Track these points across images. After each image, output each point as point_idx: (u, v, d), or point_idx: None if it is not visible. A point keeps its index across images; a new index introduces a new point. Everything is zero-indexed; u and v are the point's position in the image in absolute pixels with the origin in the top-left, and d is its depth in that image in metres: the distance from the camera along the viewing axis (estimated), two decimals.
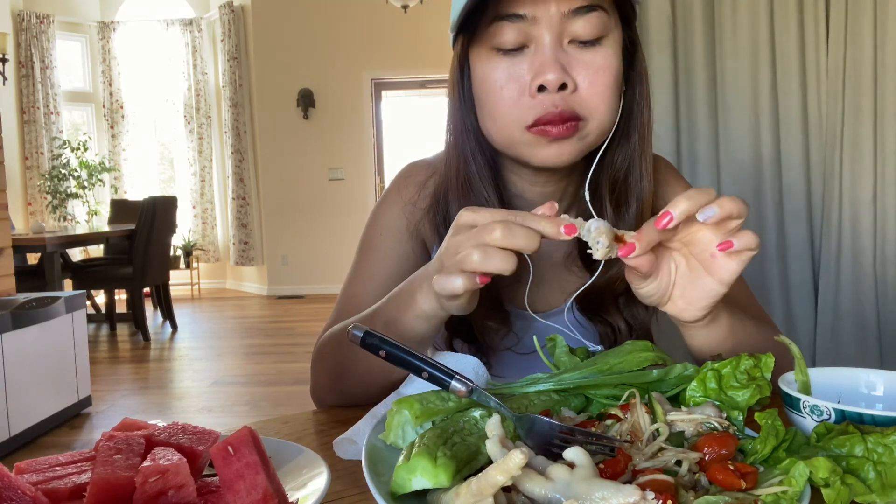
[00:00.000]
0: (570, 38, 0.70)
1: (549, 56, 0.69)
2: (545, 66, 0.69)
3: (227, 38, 7.04)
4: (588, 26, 0.69)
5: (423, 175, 0.89)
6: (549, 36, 0.69)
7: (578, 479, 0.43)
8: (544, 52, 0.70)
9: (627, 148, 0.79)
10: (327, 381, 0.80)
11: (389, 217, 0.88)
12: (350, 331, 0.58)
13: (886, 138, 2.27)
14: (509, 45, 0.71)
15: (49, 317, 3.02)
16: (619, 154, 0.79)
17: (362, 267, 0.87)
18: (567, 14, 0.69)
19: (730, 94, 2.39)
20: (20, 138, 6.88)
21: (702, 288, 0.63)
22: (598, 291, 0.80)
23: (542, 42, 0.70)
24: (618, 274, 0.79)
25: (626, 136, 0.78)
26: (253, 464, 0.45)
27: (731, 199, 0.57)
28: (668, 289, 0.65)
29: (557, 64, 0.69)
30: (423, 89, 7.33)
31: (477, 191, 0.80)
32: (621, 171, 0.79)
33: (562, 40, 0.70)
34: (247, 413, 3.43)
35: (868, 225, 2.31)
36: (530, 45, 0.71)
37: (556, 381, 0.61)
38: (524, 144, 0.74)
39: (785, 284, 2.44)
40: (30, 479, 0.46)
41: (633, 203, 0.80)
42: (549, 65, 0.69)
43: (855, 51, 2.28)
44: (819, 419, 0.55)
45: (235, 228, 7.25)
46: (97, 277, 5.10)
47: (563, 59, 0.70)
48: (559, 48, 0.70)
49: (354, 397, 0.77)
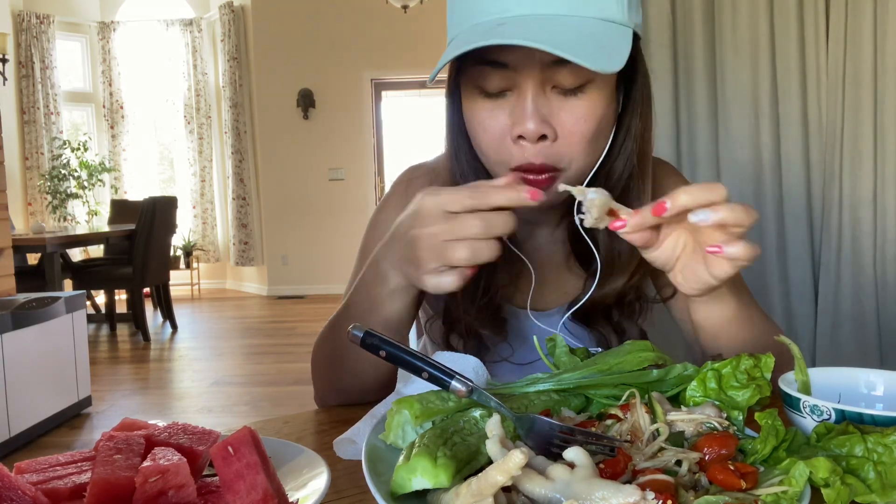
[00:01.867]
0: (553, 84, 0.70)
1: (530, 106, 0.69)
2: (525, 117, 0.69)
3: (227, 39, 7.04)
4: (570, 76, 0.69)
5: (424, 179, 0.90)
6: (531, 84, 0.69)
7: (578, 479, 0.43)
8: (525, 101, 0.69)
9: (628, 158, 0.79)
10: (324, 380, 0.82)
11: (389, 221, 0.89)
12: (350, 331, 0.58)
13: (886, 138, 2.27)
14: (492, 90, 0.71)
15: (49, 317, 3.02)
16: (619, 165, 0.79)
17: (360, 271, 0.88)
18: (549, 63, 0.68)
19: (730, 93, 2.39)
20: (20, 138, 6.88)
21: (698, 273, 0.64)
22: (589, 302, 0.81)
23: (524, 90, 0.69)
24: (613, 287, 0.80)
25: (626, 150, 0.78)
26: (253, 464, 0.45)
27: (733, 206, 0.56)
28: (673, 260, 0.65)
29: (537, 115, 0.69)
30: (423, 89, 7.33)
31: None
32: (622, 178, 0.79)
33: (545, 87, 0.70)
34: (247, 413, 3.43)
35: (868, 225, 2.31)
36: (513, 90, 0.71)
37: (556, 381, 0.61)
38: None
39: (785, 284, 2.44)
40: (30, 479, 0.46)
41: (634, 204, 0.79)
42: (528, 116, 0.69)
43: (855, 51, 2.28)
44: (819, 419, 0.55)
45: (235, 228, 7.25)
46: (97, 277, 5.10)
47: (543, 109, 0.70)
48: (541, 96, 0.70)
49: (350, 392, 0.79)
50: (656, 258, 0.66)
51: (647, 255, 0.66)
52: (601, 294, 0.81)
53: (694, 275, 0.64)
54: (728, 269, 0.61)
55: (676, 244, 0.64)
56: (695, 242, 0.63)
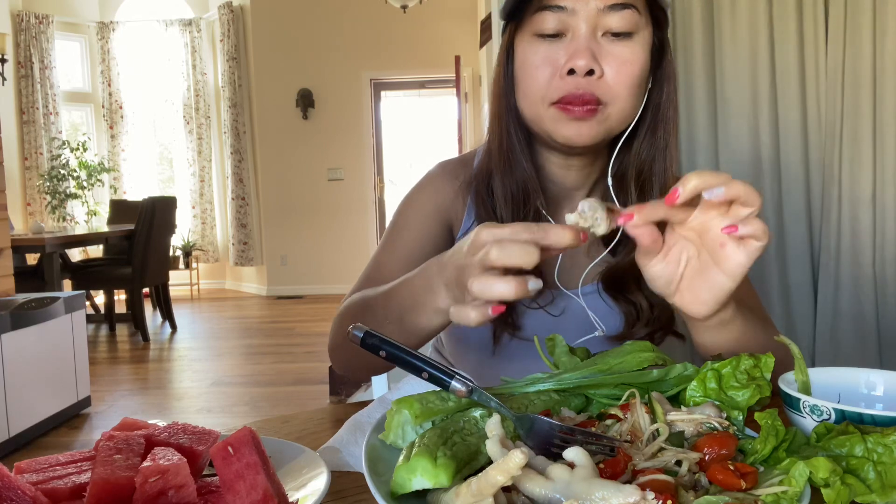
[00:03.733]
0: (604, 30, 0.78)
1: (583, 44, 0.77)
2: (577, 53, 0.77)
3: (226, 39, 7.04)
4: (621, 21, 0.77)
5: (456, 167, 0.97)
6: (584, 27, 0.77)
7: (578, 479, 0.43)
8: (579, 40, 0.77)
9: (653, 141, 0.85)
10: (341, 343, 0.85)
11: (420, 200, 0.96)
12: (350, 331, 0.58)
13: (885, 137, 2.27)
14: (549, 32, 0.79)
15: (48, 317, 3.02)
16: (645, 146, 0.86)
17: (391, 240, 0.95)
18: (603, 9, 0.77)
19: (729, 93, 2.39)
20: (19, 138, 6.88)
21: (709, 280, 0.64)
22: (620, 271, 0.87)
23: (578, 31, 0.78)
24: None
25: (653, 129, 0.85)
26: (253, 464, 0.45)
27: (743, 183, 0.58)
28: (677, 277, 0.66)
29: (589, 51, 0.77)
30: (422, 89, 7.33)
31: (517, 162, 0.87)
32: (646, 161, 0.86)
33: (596, 32, 0.78)
34: (246, 413, 3.43)
35: (867, 224, 2.31)
36: (567, 33, 0.78)
37: (556, 381, 0.61)
38: (549, 120, 0.80)
39: (784, 284, 2.44)
40: (30, 479, 0.46)
41: (656, 193, 0.86)
42: (581, 52, 0.77)
43: (854, 51, 2.28)
44: (819, 419, 0.55)
45: (235, 229, 7.25)
46: (96, 278, 5.09)
47: (594, 49, 0.78)
48: (593, 38, 0.78)
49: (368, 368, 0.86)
50: (661, 273, 0.66)
51: (651, 269, 0.67)
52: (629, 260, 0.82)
53: (705, 283, 0.65)
54: (743, 260, 0.62)
55: (681, 256, 0.66)
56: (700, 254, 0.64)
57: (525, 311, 0.90)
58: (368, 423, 0.64)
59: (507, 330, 0.89)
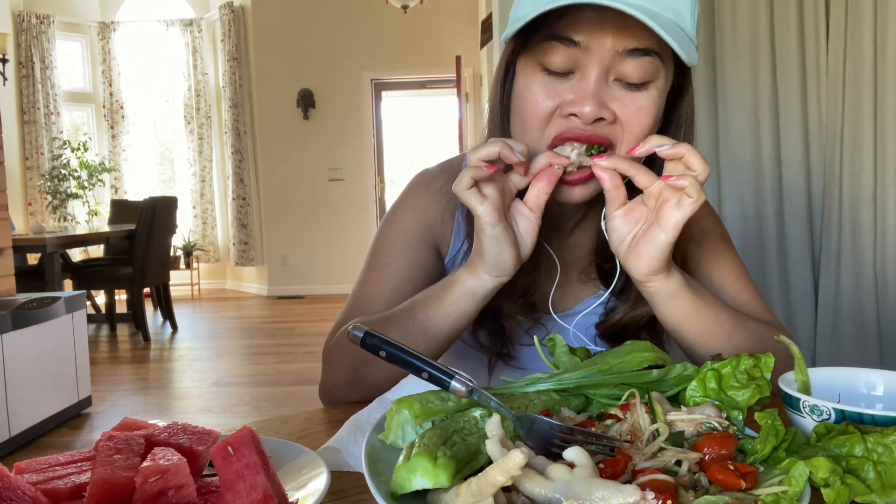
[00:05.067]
0: (617, 76, 0.69)
1: (592, 90, 0.68)
2: (585, 99, 0.68)
3: (227, 39, 7.04)
4: (638, 69, 0.68)
5: (438, 181, 0.90)
6: (597, 69, 0.68)
7: (578, 479, 0.43)
8: (588, 84, 0.69)
9: None
10: (347, 373, 0.80)
11: (402, 223, 0.89)
12: (350, 331, 0.58)
13: (886, 138, 2.27)
14: (556, 68, 0.70)
15: (49, 317, 3.02)
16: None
17: (374, 269, 0.88)
18: (621, 52, 0.68)
19: (730, 94, 2.39)
20: (20, 138, 6.88)
21: (651, 237, 0.69)
22: (623, 323, 0.84)
23: (588, 73, 0.69)
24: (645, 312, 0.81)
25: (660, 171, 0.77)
26: (253, 464, 0.45)
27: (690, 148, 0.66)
28: (630, 237, 0.71)
29: (597, 99, 0.68)
30: (423, 89, 7.33)
31: None
32: None
33: (608, 76, 0.69)
34: (247, 413, 3.43)
35: (868, 225, 2.31)
36: (577, 72, 0.70)
37: (556, 381, 0.61)
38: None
39: (785, 284, 2.44)
40: (30, 479, 0.46)
41: None
42: (589, 98, 0.68)
43: (855, 50, 2.28)
44: (819, 419, 0.55)
45: (235, 229, 7.25)
46: (97, 278, 5.10)
47: (604, 95, 0.69)
48: (603, 83, 0.69)
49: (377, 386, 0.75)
50: (619, 227, 0.71)
51: (612, 222, 0.71)
52: (633, 315, 0.82)
53: (647, 239, 0.69)
54: (678, 215, 0.66)
55: (640, 219, 0.70)
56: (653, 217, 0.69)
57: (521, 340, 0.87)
58: (368, 423, 0.64)
59: (501, 360, 0.88)
